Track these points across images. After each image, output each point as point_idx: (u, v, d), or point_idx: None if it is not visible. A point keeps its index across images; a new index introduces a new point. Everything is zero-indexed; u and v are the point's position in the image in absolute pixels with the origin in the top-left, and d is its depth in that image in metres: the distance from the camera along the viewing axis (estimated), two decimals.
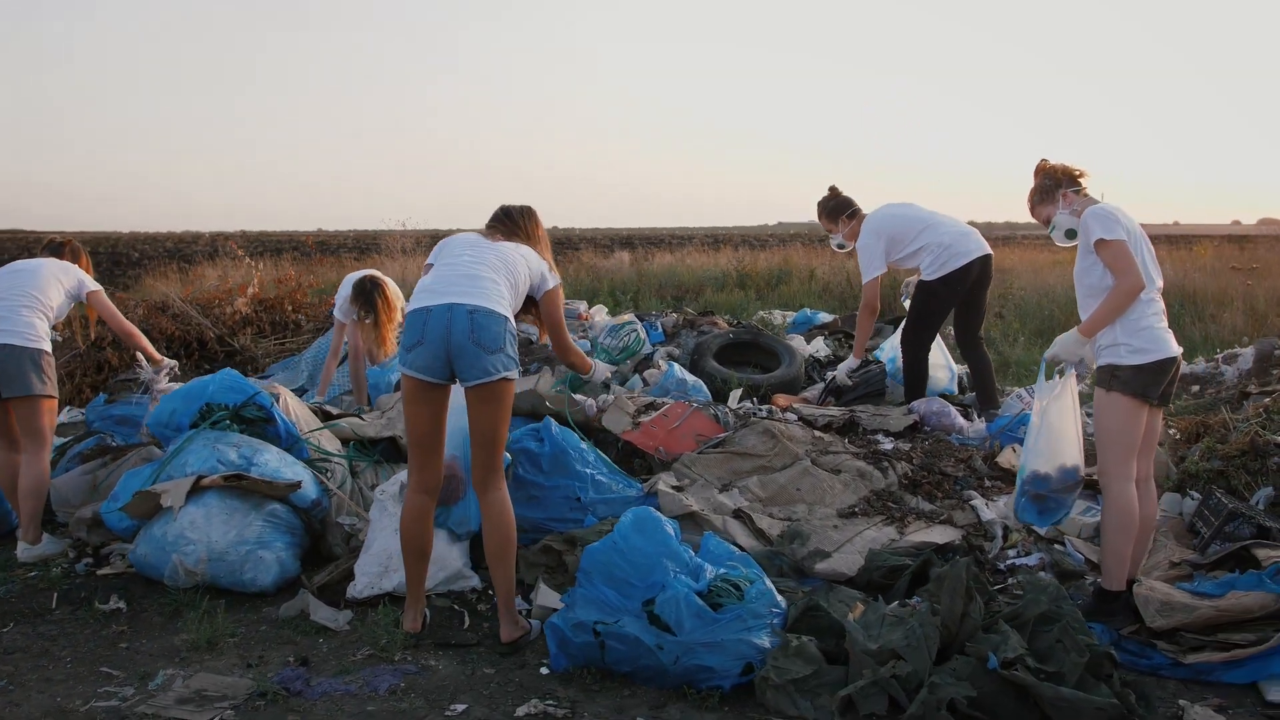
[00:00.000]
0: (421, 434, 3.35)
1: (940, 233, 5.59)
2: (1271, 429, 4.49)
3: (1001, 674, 2.83)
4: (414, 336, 3.24)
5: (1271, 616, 3.22)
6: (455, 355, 3.22)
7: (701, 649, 3.03)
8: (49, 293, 4.36)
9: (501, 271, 3.41)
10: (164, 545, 3.80)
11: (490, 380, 3.23)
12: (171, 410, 4.25)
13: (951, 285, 5.55)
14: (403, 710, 2.99)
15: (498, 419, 3.29)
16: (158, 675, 3.19)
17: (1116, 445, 3.46)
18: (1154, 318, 3.47)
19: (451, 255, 3.46)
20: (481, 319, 3.21)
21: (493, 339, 3.20)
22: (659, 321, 7.58)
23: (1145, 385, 3.40)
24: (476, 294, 3.29)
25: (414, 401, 3.32)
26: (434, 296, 3.29)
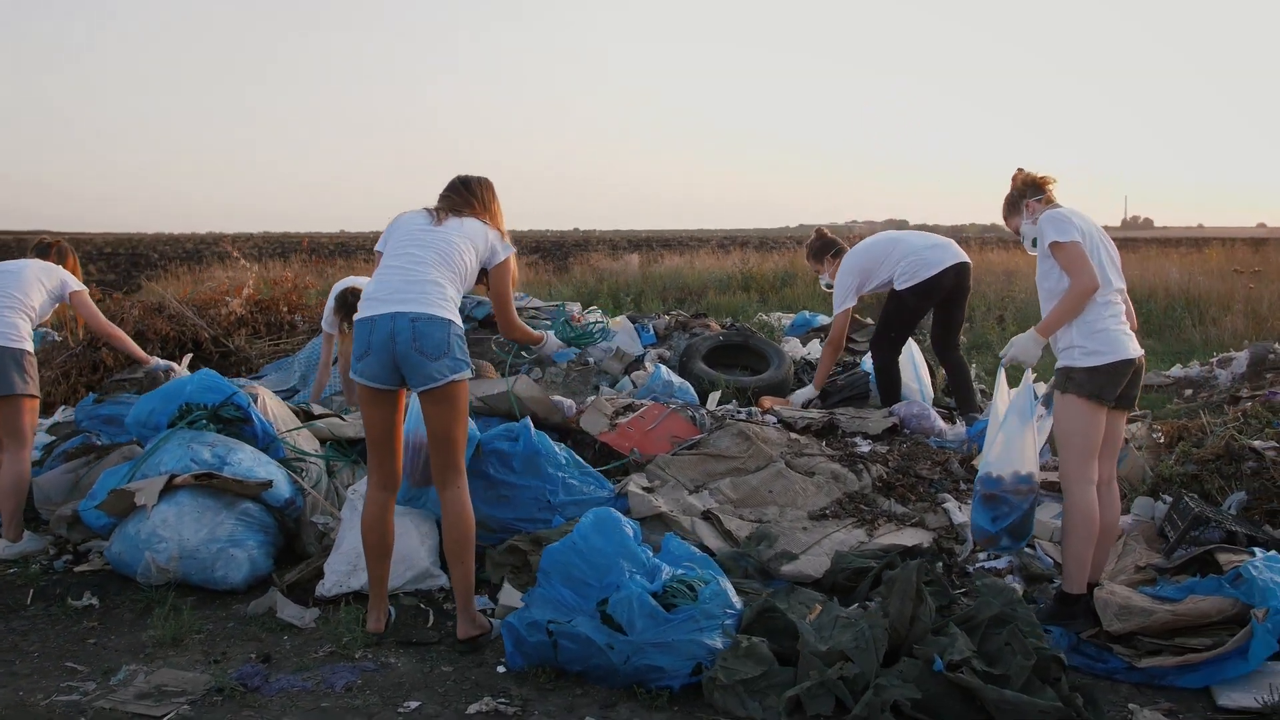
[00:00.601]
0: (377, 435, 3.42)
1: (910, 247, 5.73)
2: (1249, 433, 4.47)
3: (947, 676, 2.84)
4: (361, 346, 3.31)
5: (1229, 621, 3.21)
6: (401, 363, 3.28)
7: (652, 649, 3.05)
8: (31, 293, 4.44)
9: (444, 266, 3.40)
10: (137, 543, 3.87)
11: (437, 385, 3.28)
12: (150, 410, 4.31)
13: (921, 295, 5.66)
14: (356, 707, 3.02)
15: (450, 420, 3.33)
16: (120, 670, 3.25)
17: (1075, 448, 3.46)
18: (1111, 320, 3.47)
19: (397, 248, 3.45)
20: (423, 327, 3.25)
21: (435, 346, 3.24)
22: (651, 324, 7.60)
23: (1100, 387, 3.40)
24: (418, 300, 3.31)
25: (368, 406, 3.40)
26: (377, 306, 3.33)
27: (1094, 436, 3.45)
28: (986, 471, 3.54)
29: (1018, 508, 3.49)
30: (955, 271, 5.65)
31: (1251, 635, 3.06)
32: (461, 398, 3.34)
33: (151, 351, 6.39)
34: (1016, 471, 3.49)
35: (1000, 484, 3.49)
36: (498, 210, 3.74)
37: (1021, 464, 3.49)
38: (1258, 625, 3.06)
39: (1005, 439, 3.52)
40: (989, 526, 3.54)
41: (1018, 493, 3.48)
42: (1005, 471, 3.49)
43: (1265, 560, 3.32)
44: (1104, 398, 3.41)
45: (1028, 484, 3.49)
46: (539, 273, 16.21)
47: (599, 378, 6.95)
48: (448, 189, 3.69)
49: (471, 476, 4.07)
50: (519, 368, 6.96)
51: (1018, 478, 3.48)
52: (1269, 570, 3.25)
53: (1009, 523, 3.51)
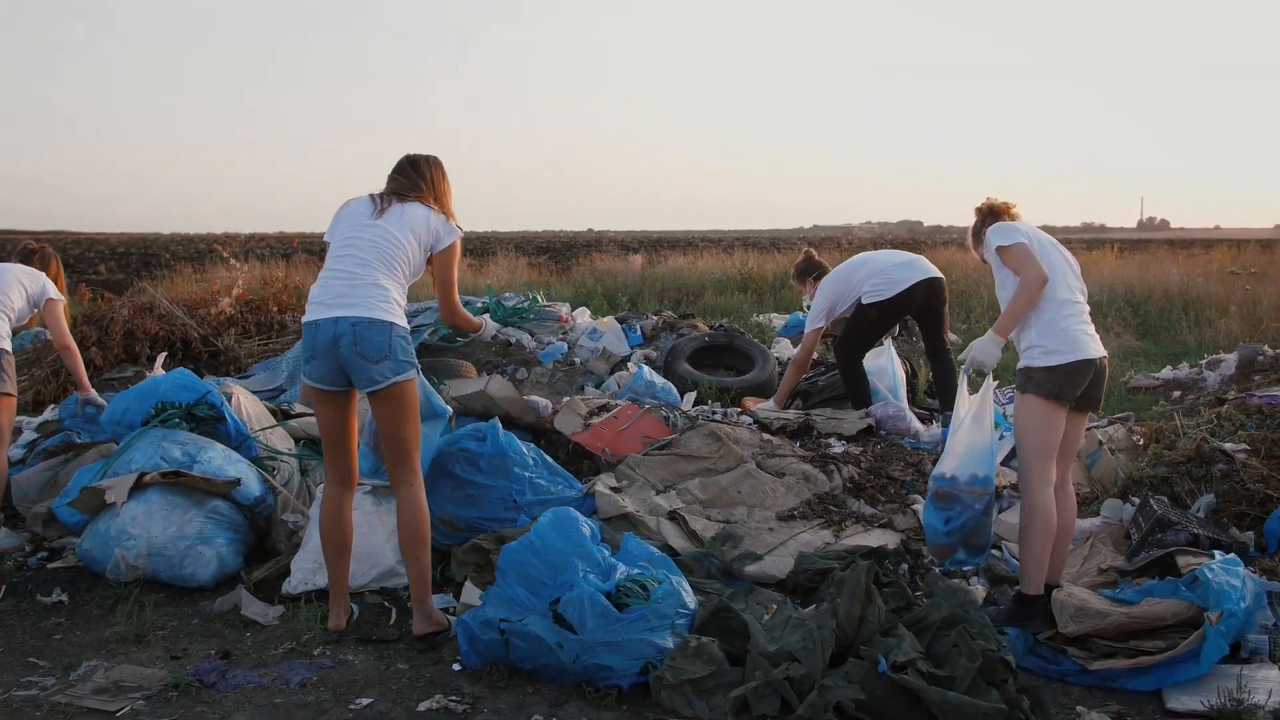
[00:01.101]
0: (329, 434, 3.47)
1: (878, 266, 5.90)
2: (1221, 436, 4.45)
3: (891, 677, 2.84)
4: (308, 350, 3.34)
5: (1184, 624, 3.21)
6: (345, 366, 3.32)
7: (601, 648, 3.06)
8: (11, 295, 4.49)
9: (385, 266, 3.39)
10: (107, 540, 3.91)
11: (380, 387, 3.31)
12: (124, 408, 4.35)
13: (886, 310, 5.82)
14: (308, 703, 3.05)
15: (399, 419, 3.36)
16: (81, 666, 3.29)
17: (1034, 448, 3.46)
18: (1071, 319, 3.47)
19: (341, 246, 3.44)
20: (364, 331, 3.27)
21: (376, 349, 3.27)
22: (638, 324, 7.62)
23: (1059, 387, 3.39)
24: (360, 305, 3.31)
25: (319, 406, 3.45)
26: (321, 310, 3.34)
27: (1052, 437, 3.45)
28: (941, 470, 3.54)
29: (970, 508, 3.48)
30: (924, 288, 5.79)
31: (1204, 638, 3.06)
32: (408, 397, 3.37)
33: (140, 350, 6.46)
34: (974, 474, 3.49)
35: (954, 483, 3.49)
36: (446, 190, 3.66)
37: (979, 466, 3.49)
38: (1210, 628, 3.06)
39: (964, 442, 3.52)
40: (941, 527, 3.54)
41: (971, 493, 3.48)
42: (961, 472, 3.49)
43: (1222, 563, 3.32)
44: (1063, 397, 3.40)
45: (983, 486, 3.48)
46: (541, 273, 16.25)
47: (585, 378, 6.98)
48: (395, 170, 3.62)
49: (438, 476, 4.13)
50: (505, 367, 7.01)
51: (974, 479, 3.48)
52: (1225, 573, 3.25)
53: (961, 524, 3.50)
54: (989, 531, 3.61)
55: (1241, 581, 3.25)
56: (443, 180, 3.67)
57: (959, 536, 3.54)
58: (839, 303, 5.94)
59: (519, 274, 15.51)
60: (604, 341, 7.30)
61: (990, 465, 3.51)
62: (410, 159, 3.63)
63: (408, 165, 3.61)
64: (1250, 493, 4.04)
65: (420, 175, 3.59)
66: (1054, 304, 3.45)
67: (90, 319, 6.71)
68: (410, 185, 3.56)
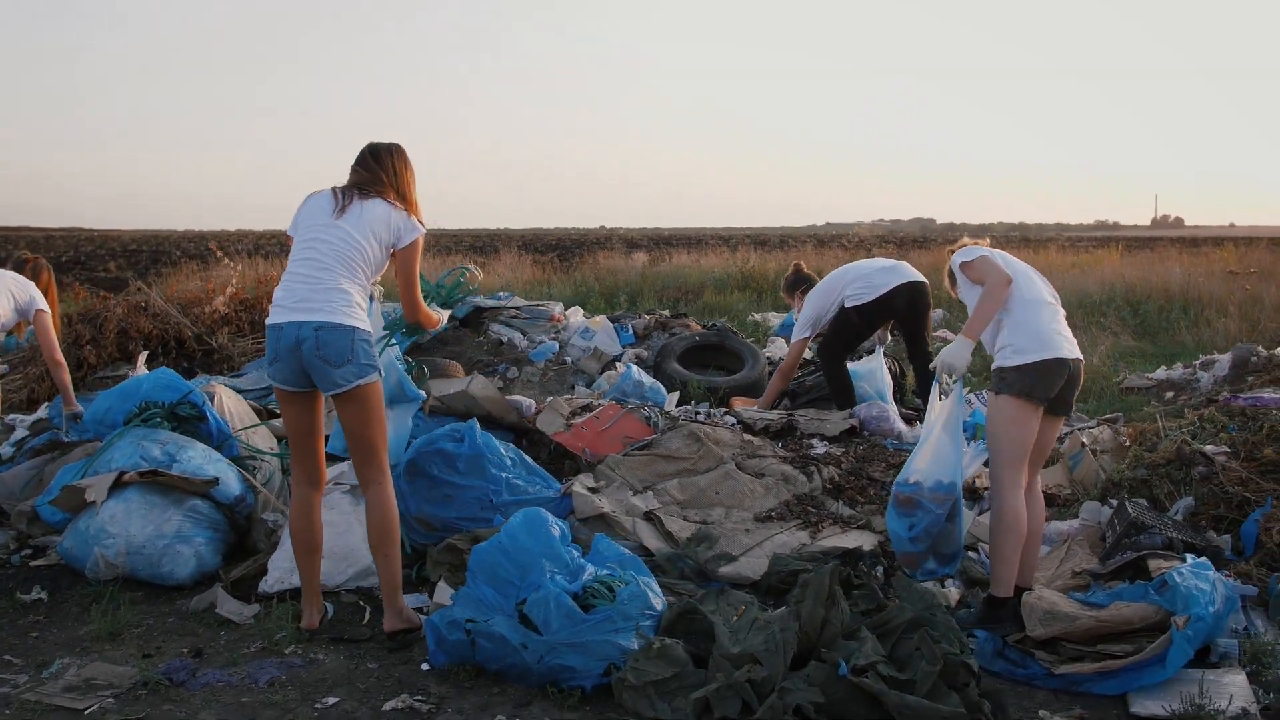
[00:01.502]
0: (296, 434, 3.49)
1: (859, 272, 5.99)
2: (1203, 438, 4.43)
3: (851, 680, 2.84)
4: (271, 352, 3.36)
5: (1152, 628, 3.20)
6: (307, 369, 3.33)
7: (566, 649, 3.08)
8: None
9: (346, 270, 3.38)
10: (87, 538, 3.94)
11: (343, 390, 3.33)
12: (107, 408, 4.39)
13: (866, 314, 5.86)
14: (275, 702, 3.07)
15: (363, 421, 3.38)
16: (54, 664, 3.32)
17: (1005, 450, 3.45)
18: (1046, 320, 3.48)
19: (302, 246, 3.42)
20: (326, 335, 3.28)
21: (338, 353, 3.28)
22: (630, 323, 7.63)
23: (1030, 385, 3.38)
24: (322, 309, 3.31)
25: (285, 406, 3.47)
26: (285, 313, 3.35)
27: (1025, 439, 3.43)
28: (905, 475, 3.54)
29: (931, 513, 3.48)
30: (907, 291, 5.82)
31: (1170, 643, 3.06)
32: (372, 399, 3.38)
33: (134, 349, 6.50)
34: (939, 480, 3.48)
35: (917, 488, 3.49)
36: (409, 179, 3.60)
37: (944, 473, 3.48)
38: (1176, 633, 3.06)
39: (932, 447, 3.52)
40: (905, 534, 3.53)
41: (935, 499, 3.47)
42: (926, 478, 3.49)
43: (1192, 567, 3.31)
44: (1034, 395, 3.39)
45: (947, 492, 3.47)
46: (545, 271, 16.26)
47: (576, 377, 7.00)
48: (357, 161, 3.56)
49: (415, 475, 4.15)
50: (497, 366, 7.03)
51: (939, 485, 3.48)
52: (1194, 577, 3.24)
53: (924, 530, 3.49)
54: (957, 539, 3.60)
55: (1211, 585, 3.24)
56: (405, 169, 3.60)
57: (925, 544, 3.53)
58: (823, 314, 6.00)
59: (523, 272, 15.53)
60: (596, 341, 7.32)
61: (956, 472, 3.50)
62: (372, 148, 3.57)
63: (369, 156, 3.54)
64: (1229, 495, 4.02)
65: (381, 166, 3.52)
66: (1024, 304, 3.46)
67: (85, 317, 6.76)
68: (372, 179, 3.50)
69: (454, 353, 7.11)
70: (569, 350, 7.26)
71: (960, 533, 3.63)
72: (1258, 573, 3.64)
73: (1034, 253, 17.90)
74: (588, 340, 7.38)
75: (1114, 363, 7.59)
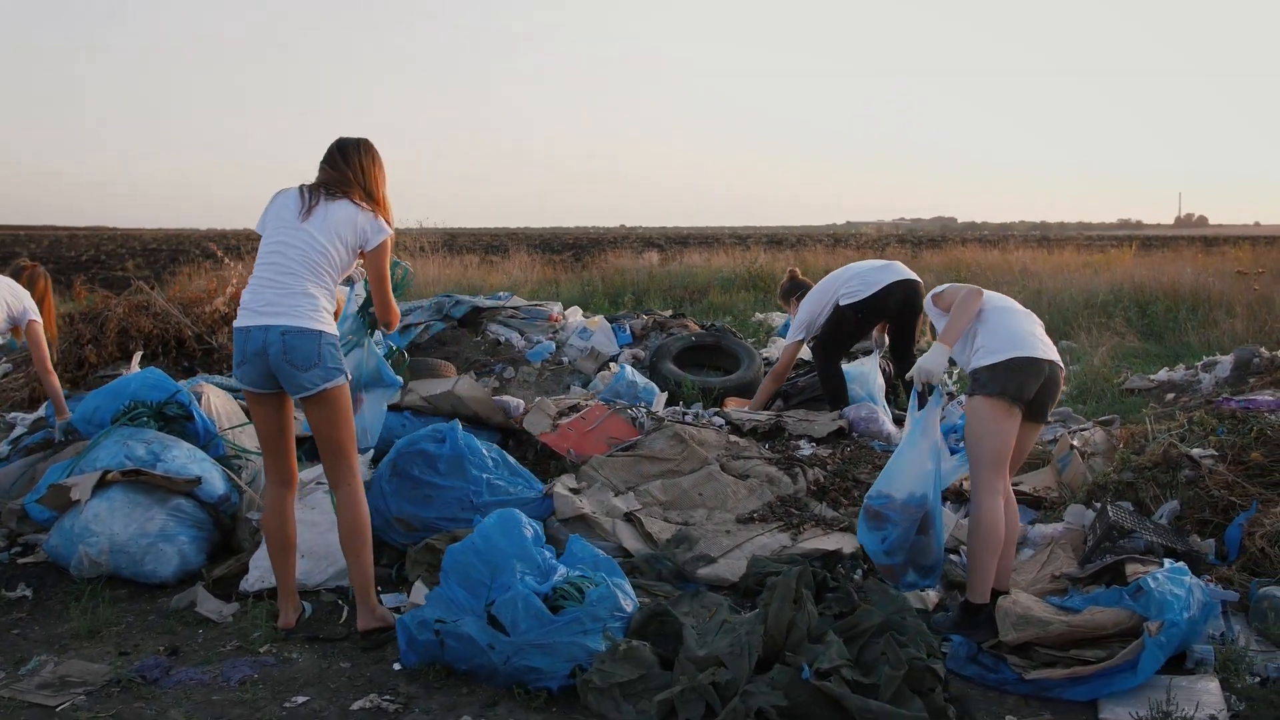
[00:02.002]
0: (266, 435, 3.51)
1: (854, 271, 6.01)
2: (1191, 441, 4.38)
3: (813, 684, 2.83)
4: (239, 354, 3.37)
5: (1125, 634, 3.17)
6: (275, 372, 3.35)
7: (532, 650, 3.08)
8: None
9: (312, 275, 3.38)
10: (72, 536, 3.97)
11: (310, 393, 3.35)
12: (95, 407, 4.43)
13: (861, 311, 5.87)
14: (245, 700, 3.09)
15: (331, 424, 3.40)
16: (31, 661, 3.35)
17: (983, 455, 3.42)
18: (1021, 321, 3.46)
19: (268, 250, 3.42)
20: (293, 340, 3.30)
21: (305, 357, 3.30)
22: (628, 323, 7.63)
23: (1004, 385, 3.35)
24: (289, 314, 3.33)
25: (254, 407, 3.49)
26: (251, 317, 3.36)
27: (1002, 443, 3.40)
28: (878, 488, 3.52)
29: (900, 526, 3.45)
30: (901, 289, 5.84)
31: (1142, 649, 3.03)
32: (339, 402, 3.40)
33: (134, 348, 6.55)
34: (911, 492, 3.46)
35: (887, 501, 3.46)
36: (378, 176, 3.57)
37: (917, 485, 3.46)
38: (1149, 639, 3.03)
39: (906, 458, 3.49)
40: (878, 547, 3.51)
41: (906, 512, 3.44)
42: (898, 491, 3.46)
43: (1168, 572, 3.27)
44: (1008, 394, 3.35)
45: (919, 505, 3.45)
46: (556, 270, 16.28)
47: (572, 377, 7.01)
48: (325, 158, 3.54)
49: (397, 476, 4.17)
50: (494, 366, 7.04)
51: (911, 498, 3.45)
52: (1169, 583, 3.21)
53: (898, 543, 3.47)
54: (934, 550, 3.56)
55: (1186, 591, 3.20)
56: (373, 166, 3.56)
57: (902, 556, 3.51)
58: (818, 316, 6.01)
59: (534, 272, 15.55)
60: (593, 341, 7.33)
61: (929, 483, 3.47)
62: (340, 145, 3.54)
63: (336, 153, 3.52)
64: (1214, 499, 3.98)
65: (348, 164, 3.50)
66: (996, 310, 3.45)
67: (86, 317, 6.83)
68: (339, 178, 3.48)
69: (452, 352, 7.14)
70: (566, 350, 7.27)
71: (938, 543, 3.59)
72: (1239, 578, 3.61)
73: (1049, 253, 17.75)
74: (585, 340, 7.39)
75: (1116, 364, 7.52)
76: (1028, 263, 14.35)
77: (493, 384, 6.86)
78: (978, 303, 3.43)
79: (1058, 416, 6.20)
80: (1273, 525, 3.69)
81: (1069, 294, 10.41)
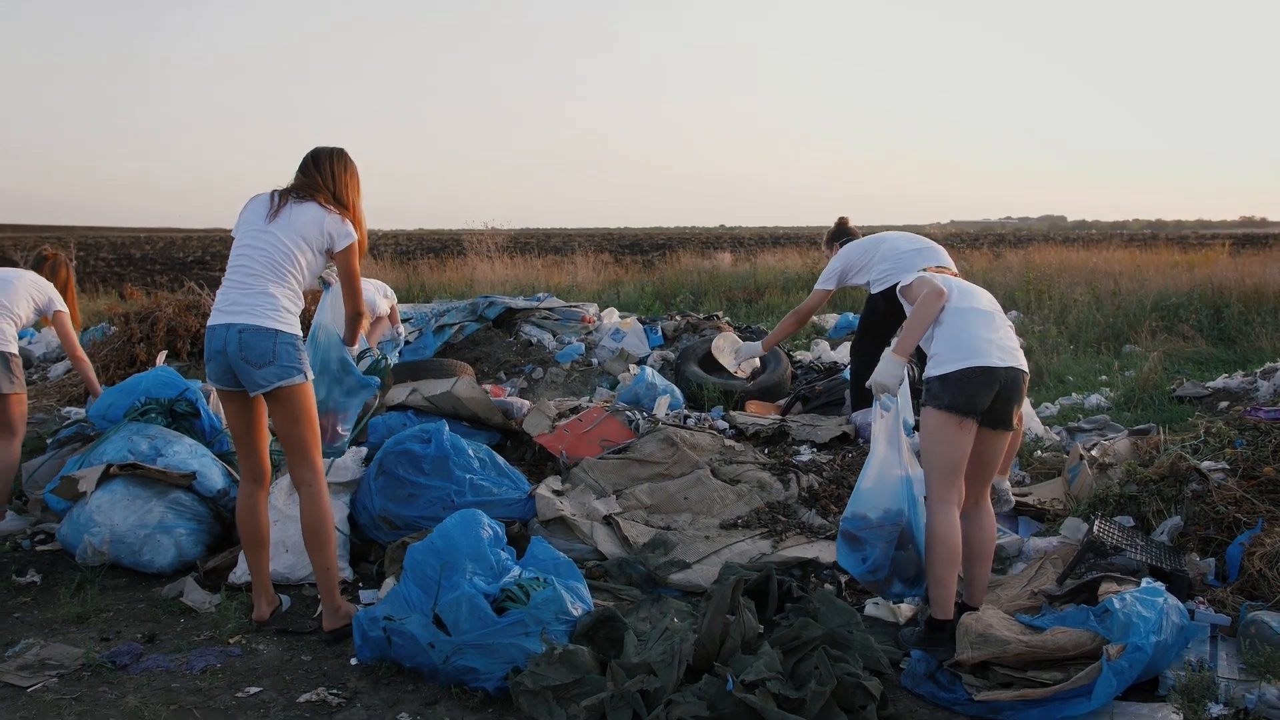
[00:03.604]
0: (236, 432, 3.60)
1: (892, 249, 5.57)
2: (1205, 452, 4.14)
3: (736, 696, 2.79)
4: (207, 353, 3.49)
5: (1087, 656, 3.03)
6: (234, 369, 3.45)
7: (471, 650, 3.11)
8: (20, 304, 4.81)
9: (274, 275, 3.47)
10: (79, 526, 4.18)
11: (265, 390, 3.44)
12: (110, 403, 4.64)
13: (891, 300, 5.43)
14: (199, 689, 3.20)
15: (289, 422, 3.48)
16: (19, 643, 3.53)
17: (933, 466, 3.32)
18: (977, 328, 3.31)
19: (237, 253, 3.53)
20: (249, 338, 3.39)
21: (260, 354, 3.38)
22: (659, 325, 7.60)
23: (954, 397, 3.23)
24: (248, 313, 3.42)
25: (224, 404, 3.59)
26: (218, 316, 3.48)
27: (953, 454, 3.28)
28: (852, 510, 3.42)
29: (877, 545, 3.35)
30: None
31: (1098, 673, 2.89)
32: (297, 400, 3.47)
33: (181, 347, 6.84)
34: (887, 509, 3.36)
35: (863, 523, 3.36)
36: (349, 184, 3.66)
37: (891, 500, 3.35)
38: (1106, 662, 2.88)
39: (874, 475, 3.39)
40: (861, 568, 3.41)
41: (883, 530, 3.34)
42: (872, 510, 3.36)
43: (1139, 593, 3.11)
44: (957, 408, 3.24)
45: (895, 522, 3.34)
46: (624, 270, 16.32)
47: (600, 378, 7.02)
48: (299, 166, 3.66)
49: (382, 474, 4.25)
50: (523, 367, 7.11)
51: (886, 515, 3.35)
52: (1138, 604, 3.05)
53: (879, 562, 3.37)
54: (917, 562, 3.44)
55: (1158, 613, 3.03)
56: (344, 174, 3.66)
57: (885, 573, 3.41)
58: (848, 273, 5.68)
59: (602, 273, 15.62)
60: (624, 343, 7.33)
61: (903, 497, 3.36)
62: (313, 154, 3.65)
63: (309, 161, 3.63)
64: (1220, 516, 3.76)
65: (319, 170, 3.60)
66: (954, 313, 3.32)
67: (139, 316, 7.15)
68: (308, 183, 3.59)
69: (484, 353, 7.23)
70: (597, 352, 7.29)
71: (920, 554, 3.47)
72: (1234, 600, 3.40)
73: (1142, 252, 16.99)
74: (617, 342, 7.40)
75: (1172, 369, 7.15)
76: (1114, 263, 13.77)
77: (520, 384, 6.92)
78: (937, 306, 3.30)
79: (1095, 424, 5.95)
80: (1273, 545, 3.47)
81: (1139, 295, 9.94)
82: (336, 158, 3.65)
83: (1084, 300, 9.91)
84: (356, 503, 4.32)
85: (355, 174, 3.69)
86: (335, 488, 4.31)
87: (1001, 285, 12.23)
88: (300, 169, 3.65)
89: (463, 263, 15.99)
